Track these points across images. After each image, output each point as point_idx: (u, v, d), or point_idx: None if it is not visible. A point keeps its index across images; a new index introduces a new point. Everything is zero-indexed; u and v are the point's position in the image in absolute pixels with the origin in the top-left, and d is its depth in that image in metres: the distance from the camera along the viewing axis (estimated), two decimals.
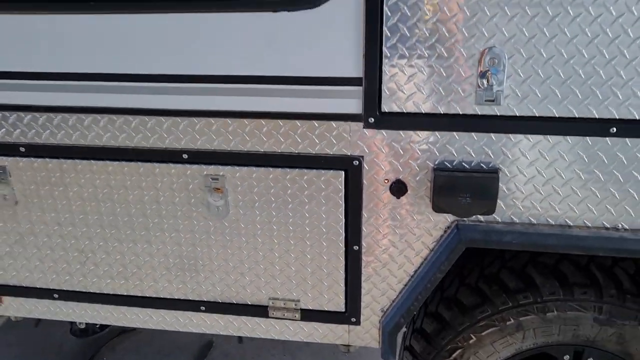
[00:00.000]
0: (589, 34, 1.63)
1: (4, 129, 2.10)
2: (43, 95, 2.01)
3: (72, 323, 2.68)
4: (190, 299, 2.27)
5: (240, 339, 3.56)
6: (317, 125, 1.88)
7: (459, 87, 1.75)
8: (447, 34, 1.69)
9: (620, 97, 1.68)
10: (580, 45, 1.64)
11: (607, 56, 1.65)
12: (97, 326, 2.67)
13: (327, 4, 1.72)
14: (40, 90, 2.00)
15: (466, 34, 1.68)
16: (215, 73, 1.86)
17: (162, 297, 2.29)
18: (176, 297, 2.28)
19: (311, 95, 1.84)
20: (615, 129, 1.73)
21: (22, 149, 2.12)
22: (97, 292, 2.33)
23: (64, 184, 2.14)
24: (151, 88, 1.92)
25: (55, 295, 2.38)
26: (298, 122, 1.89)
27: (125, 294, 2.32)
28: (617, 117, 1.71)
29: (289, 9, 1.75)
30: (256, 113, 1.90)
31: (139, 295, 2.31)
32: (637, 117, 1.70)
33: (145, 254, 2.21)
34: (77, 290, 2.35)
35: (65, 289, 2.36)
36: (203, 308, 2.27)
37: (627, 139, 1.73)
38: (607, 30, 1.62)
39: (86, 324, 2.63)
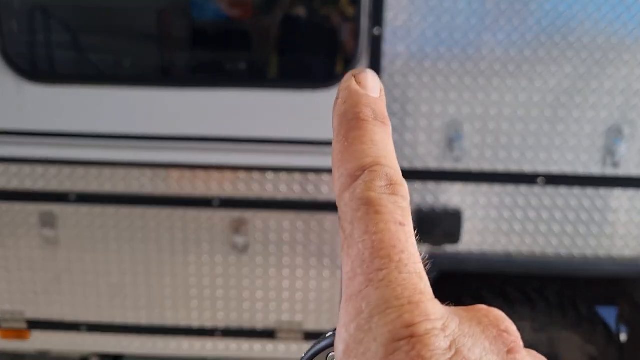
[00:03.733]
0: (519, 114, 2.36)
1: (58, 180, 2.50)
2: (101, 152, 2.46)
3: None
4: (207, 325, 2.67)
5: None
6: (325, 176, 2.46)
7: (433, 150, 2.41)
8: (422, 112, 2.37)
9: (542, 158, 2.40)
10: (515, 121, 2.36)
11: (531, 129, 2.37)
12: None
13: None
14: (101, 147, 2.45)
15: (437, 111, 2.37)
16: (249, 135, 2.42)
17: (181, 325, 2.67)
18: (194, 325, 2.67)
19: (323, 153, 2.43)
20: (539, 180, 2.43)
21: (73, 197, 2.52)
22: (122, 323, 2.68)
23: (106, 226, 2.55)
24: (193, 146, 2.43)
25: (83, 328, 2.69)
26: (312, 174, 2.46)
27: (147, 323, 2.68)
28: (541, 172, 2.42)
29: (310, 89, 2.37)
30: (277, 167, 2.46)
31: (160, 324, 2.68)
32: (555, 172, 2.42)
33: (171, 286, 2.62)
34: (104, 322, 2.68)
35: (92, 321, 2.68)
36: (218, 334, 2.68)
37: (547, 187, 2.44)
38: (531, 112, 2.35)
39: None
